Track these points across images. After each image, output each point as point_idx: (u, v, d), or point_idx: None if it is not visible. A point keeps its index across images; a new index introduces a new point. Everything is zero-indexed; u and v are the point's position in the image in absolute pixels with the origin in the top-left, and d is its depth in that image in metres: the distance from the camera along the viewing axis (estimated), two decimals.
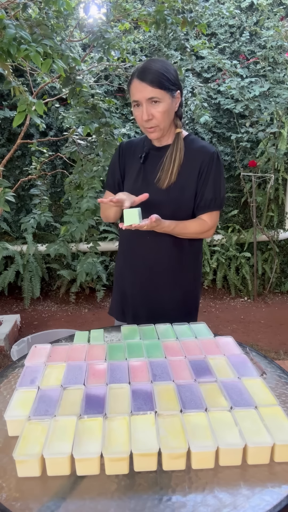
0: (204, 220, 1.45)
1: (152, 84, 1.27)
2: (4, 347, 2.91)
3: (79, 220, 2.19)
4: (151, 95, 1.28)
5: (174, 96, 1.33)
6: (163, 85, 1.29)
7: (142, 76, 1.29)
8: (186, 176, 1.41)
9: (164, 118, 1.33)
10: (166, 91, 1.30)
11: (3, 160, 2.38)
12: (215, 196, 1.42)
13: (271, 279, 3.95)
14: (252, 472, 0.85)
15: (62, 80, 1.99)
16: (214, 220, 1.47)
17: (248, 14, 3.56)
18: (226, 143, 3.71)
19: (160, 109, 1.31)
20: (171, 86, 1.31)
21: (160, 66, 1.30)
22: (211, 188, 1.41)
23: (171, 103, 1.33)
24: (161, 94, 1.29)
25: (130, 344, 1.29)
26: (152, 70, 1.28)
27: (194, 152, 1.42)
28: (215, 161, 1.41)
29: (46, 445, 0.85)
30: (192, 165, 1.41)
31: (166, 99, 1.31)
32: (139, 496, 0.80)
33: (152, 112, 1.31)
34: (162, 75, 1.28)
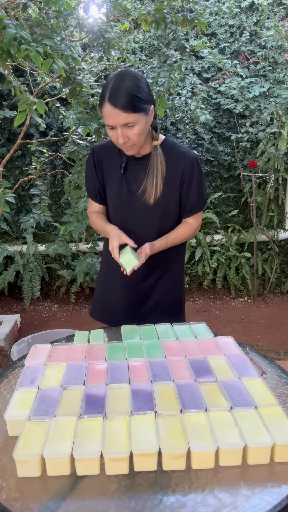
0: (190, 223, 1.50)
1: (125, 110, 1.21)
2: (4, 347, 2.91)
3: (78, 220, 2.19)
4: (126, 121, 1.23)
5: (148, 113, 1.28)
6: (137, 107, 1.23)
7: (113, 101, 1.21)
8: (169, 184, 1.41)
9: (140, 138, 1.30)
10: (140, 112, 1.24)
11: (3, 160, 2.38)
12: (199, 199, 1.46)
13: (271, 279, 3.95)
14: (252, 472, 0.85)
15: (62, 80, 1.99)
16: (199, 221, 1.53)
17: (248, 14, 3.56)
18: (226, 143, 3.71)
19: (136, 131, 1.26)
20: (145, 105, 1.25)
21: (131, 85, 1.22)
22: (195, 194, 1.44)
23: (145, 122, 1.28)
24: (135, 117, 1.23)
25: (130, 344, 1.29)
26: (123, 93, 1.21)
27: (175, 158, 1.41)
28: (195, 167, 1.42)
29: (46, 445, 0.85)
30: (174, 173, 1.41)
31: (141, 120, 1.26)
32: (139, 496, 0.80)
33: (128, 134, 1.27)
34: (134, 97, 1.22)
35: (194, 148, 3.61)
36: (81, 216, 2.19)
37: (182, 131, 3.62)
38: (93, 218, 1.56)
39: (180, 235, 1.49)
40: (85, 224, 2.20)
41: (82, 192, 2.23)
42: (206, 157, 3.70)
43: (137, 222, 1.46)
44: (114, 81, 1.24)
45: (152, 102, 1.31)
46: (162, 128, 3.62)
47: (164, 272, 1.55)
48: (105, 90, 1.24)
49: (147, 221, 1.45)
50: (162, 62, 2.43)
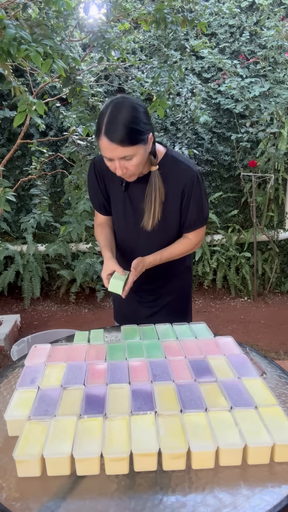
0: (190, 238, 1.47)
1: (122, 144, 1.16)
2: (4, 347, 2.91)
3: (78, 221, 2.20)
4: (123, 154, 1.19)
5: (147, 142, 1.23)
6: (135, 140, 1.18)
7: (110, 135, 1.16)
8: (170, 201, 1.39)
9: (138, 168, 1.26)
10: (138, 144, 1.19)
11: (3, 160, 2.38)
12: (199, 216, 1.42)
13: (271, 279, 3.95)
14: (252, 472, 0.85)
15: (62, 80, 1.99)
16: (199, 236, 1.49)
17: (248, 14, 3.56)
18: (226, 143, 3.71)
19: (134, 163, 1.22)
20: (143, 136, 1.20)
21: (128, 117, 1.16)
22: (194, 210, 1.40)
23: (144, 151, 1.24)
24: (133, 150, 1.19)
25: (130, 344, 1.29)
26: (120, 126, 1.15)
27: (176, 174, 1.37)
28: (195, 183, 1.37)
29: (46, 445, 0.85)
30: (175, 190, 1.38)
31: (140, 151, 1.21)
32: (139, 496, 0.80)
33: (126, 166, 1.23)
34: (132, 129, 1.16)
35: (194, 148, 3.61)
36: (80, 217, 2.19)
37: (182, 131, 3.62)
38: (97, 233, 1.57)
39: (177, 251, 1.46)
40: (84, 225, 2.20)
41: (82, 193, 2.23)
42: (206, 157, 3.70)
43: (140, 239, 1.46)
44: (110, 112, 1.17)
45: (151, 130, 1.25)
46: (162, 128, 3.62)
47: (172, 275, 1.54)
48: (101, 121, 1.18)
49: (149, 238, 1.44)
50: (162, 62, 2.43)
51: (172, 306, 1.60)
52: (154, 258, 1.42)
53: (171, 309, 1.59)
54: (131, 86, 3.03)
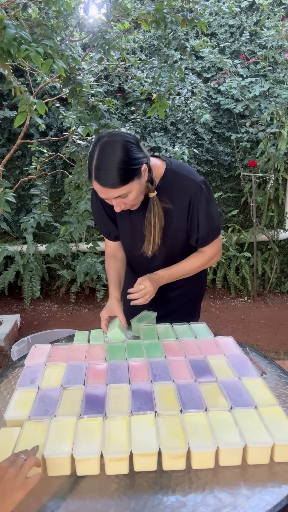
0: (204, 251, 1.44)
1: (114, 187, 1.15)
2: (4, 347, 2.91)
3: (79, 220, 2.19)
4: (117, 194, 1.18)
5: (140, 175, 1.20)
6: (127, 179, 1.15)
7: (101, 181, 1.15)
8: (177, 217, 1.36)
9: (137, 200, 1.25)
10: (131, 181, 1.17)
11: (3, 160, 2.38)
12: (210, 229, 1.38)
13: (271, 279, 3.95)
14: (252, 472, 0.85)
15: (62, 80, 1.99)
16: (215, 248, 1.44)
17: (248, 14, 3.56)
18: (226, 143, 3.71)
19: (131, 198, 1.21)
20: (135, 172, 1.17)
21: (116, 159, 1.13)
22: (204, 226, 1.36)
23: (139, 185, 1.21)
24: (127, 188, 1.17)
25: (130, 344, 1.29)
26: (110, 170, 1.13)
27: (180, 189, 1.33)
28: (201, 195, 1.32)
29: (46, 445, 0.85)
30: (181, 205, 1.34)
31: (134, 187, 1.19)
32: (139, 496, 0.80)
33: (124, 202, 1.22)
34: (122, 170, 1.13)
35: (194, 148, 3.61)
36: (81, 217, 2.19)
37: (182, 131, 3.62)
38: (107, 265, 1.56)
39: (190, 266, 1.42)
40: (85, 225, 2.20)
41: (83, 193, 2.23)
42: (206, 157, 3.70)
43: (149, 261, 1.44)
44: (97, 156, 1.15)
45: (144, 161, 1.21)
46: (162, 128, 3.62)
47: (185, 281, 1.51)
48: (90, 166, 1.16)
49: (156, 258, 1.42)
50: (162, 62, 2.43)
51: (181, 311, 1.59)
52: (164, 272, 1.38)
53: (181, 313, 1.58)
54: (131, 86, 3.03)
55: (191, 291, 1.59)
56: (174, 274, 1.41)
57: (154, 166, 1.32)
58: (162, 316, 1.54)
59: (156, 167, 1.33)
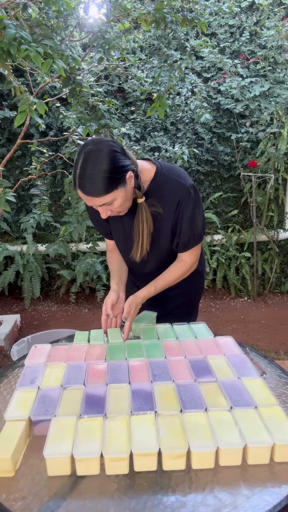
0: (184, 260, 1.43)
1: (97, 195, 1.15)
2: (4, 347, 2.91)
3: (78, 221, 2.19)
4: (102, 202, 1.18)
5: (125, 183, 1.19)
6: (110, 188, 1.15)
7: (84, 189, 1.15)
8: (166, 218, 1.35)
9: (123, 207, 1.25)
10: (115, 190, 1.17)
11: (3, 160, 2.38)
12: (192, 234, 1.37)
13: (271, 279, 3.95)
14: (252, 472, 0.85)
15: (62, 80, 1.99)
16: (194, 256, 1.44)
17: (248, 14, 3.56)
18: (226, 143, 3.71)
19: (116, 205, 1.21)
20: (119, 180, 1.17)
21: (99, 168, 1.13)
22: (186, 230, 1.35)
23: (125, 192, 1.20)
24: (111, 196, 1.17)
25: (130, 344, 1.29)
26: (93, 179, 1.13)
27: (169, 193, 1.32)
28: (187, 199, 1.31)
29: (46, 445, 0.85)
30: (169, 207, 1.33)
31: (119, 194, 1.19)
32: (139, 496, 0.80)
33: (110, 209, 1.23)
34: (105, 179, 1.13)
35: (194, 148, 3.61)
36: (81, 217, 2.19)
37: (182, 131, 3.62)
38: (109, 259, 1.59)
39: (171, 277, 1.42)
40: (85, 225, 2.20)
41: None
42: (206, 157, 3.70)
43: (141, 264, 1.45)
44: (81, 165, 1.14)
45: (130, 168, 1.20)
46: (162, 128, 3.62)
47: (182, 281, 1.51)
48: (74, 174, 1.17)
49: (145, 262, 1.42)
50: (162, 62, 2.43)
51: (179, 311, 1.59)
52: (148, 291, 1.38)
53: (178, 313, 1.58)
54: (131, 86, 3.03)
55: (189, 291, 1.59)
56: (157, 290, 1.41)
57: (143, 170, 1.32)
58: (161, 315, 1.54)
59: (145, 171, 1.33)
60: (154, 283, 1.41)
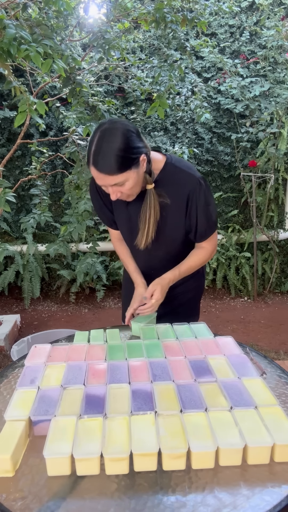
0: (204, 247, 1.45)
1: (111, 173, 1.15)
2: (4, 347, 2.91)
3: (78, 220, 2.19)
4: (114, 182, 1.18)
5: (139, 165, 1.20)
6: (124, 167, 1.15)
7: (98, 166, 1.15)
8: (174, 213, 1.36)
9: (133, 190, 1.24)
10: (129, 170, 1.17)
11: (3, 160, 2.38)
12: (208, 224, 1.39)
13: (271, 279, 3.95)
14: (252, 472, 0.85)
15: (62, 80, 1.99)
16: (213, 243, 1.46)
17: (248, 14, 3.56)
18: (226, 143, 3.71)
19: (127, 187, 1.21)
20: (133, 161, 1.17)
21: (115, 146, 1.13)
22: (202, 221, 1.37)
23: (137, 175, 1.21)
24: (124, 176, 1.17)
25: (130, 344, 1.29)
26: (107, 156, 1.13)
27: (178, 184, 1.33)
28: (199, 190, 1.32)
29: (46, 445, 0.85)
30: (178, 199, 1.34)
31: (132, 175, 1.19)
32: (139, 496, 0.80)
33: (120, 190, 1.22)
34: (119, 157, 1.13)
35: (194, 148, 3.61)
36: (81, 217, 2.19)
37: (182, 131, 3.62)
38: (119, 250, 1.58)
39: (195, 262, 1.45)
40: (85, 225, 2.20)
41: (83, 193, 2.23)
42: (206, 157, 3.70)
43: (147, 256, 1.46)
44: (96, 142, 1.15)
45: (143, 151, 1.21)
46: (162, 128, 3.62)
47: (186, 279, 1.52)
48: (89, 151, 1.16)
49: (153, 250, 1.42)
50: (162, 62, 2.43)
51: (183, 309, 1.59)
52: (172, 274, 1.40)
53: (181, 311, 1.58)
54: (131, 86, 3.03)
55: (192, 288, 1.59)
56: (182, 275, 1.43)
57: (154, 160, 1.33)
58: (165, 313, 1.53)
59: (156, 160, 1.34)
60: (177, 267, 1.42)
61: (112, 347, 1.27)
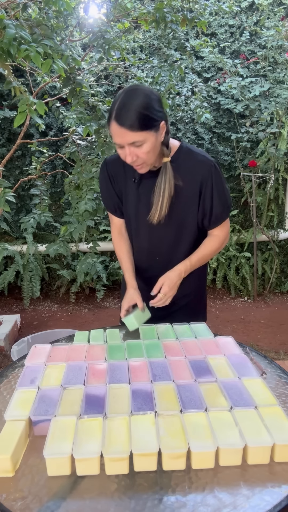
0: (216, 235, 1.45)
1: (131, 129, 1.15)
2: (4, 347, 2.91)
3: (79, 221, 2.19)
4: (133, 140, 1.17)
5: (158, 130, 1.21)
6: (145, 126, 1.16)
7: (120, 120, 1.15)
8: (186, 196, 1.36)
9: (150, 157, 1.24)
10: (149, 130, 1.18)
11: (3, 160, 2.38)
12: (223, 208, 1.39)
13: (271, 279, 3.95)
14: (252, 472, 0.85)
15: (62, 80, 1.99)
16: (226, 230, 1.46)
17: (248, 14, 3.56)
18: (226, 143, 3.71)
19: (144, 150, 1.20)
20: (154, 122, 1.19)
21: (139, 103, 1.16)
22: (217, 204, 1.37)
23: (155, 139, 1.21)
24: (143, 136, 1.17)
25: (130, 344, 1.29)
26: (131, 111, 1.14)
27: (191, 169, 1.34)
28: (214, 174, 1.34)
29: (46, 445, 0.85)
30: (191, 183, 1.34)
31: (150, 138, 1.19)
32: (139, 496, 0.80)
33: (136, 153, 1.21)
34: (142, 115, 1.15)
35: None
36: (81, 217, 2.19)
37: (182, 131, 3.62)
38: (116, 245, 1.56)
39: (208, 250, 1.43)
40: (85, 225, 2.19)
41: (83, 193, 2.23)
42: None
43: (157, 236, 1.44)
44: (122, 98, 1.18)
45: (164, 118, 1.23)
46: None
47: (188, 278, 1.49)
48: (112, 107, 1.19)
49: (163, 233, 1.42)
50: (162, 62, 2.43)
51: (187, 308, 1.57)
52: (184, 265, 1.39)
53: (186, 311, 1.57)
54: None
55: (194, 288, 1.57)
56: (193, 265, 1.41)
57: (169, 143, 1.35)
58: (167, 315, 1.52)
59: (170, 143, 1.35)
60: (188, 258, 1.41)
61: (112, 347, 1.27)
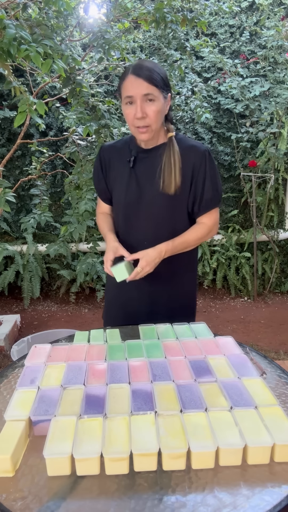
0: (203, 222, 1.45)
1: (147, 80, 1.26)
2: (4, 347, 2.91)
3: (79, 221, 2.19)
4: (147, 91, 1.26)
5: (166, 97, 1.33)
6: (158, 83, 1.28)
7: (137, 71, 1.27)
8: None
9: (157, 119, 1.31)
10: (160, 90, 1.29)
11: (3, 160, 2.38)
12: (214, 194, 1.42)
13: (271, 279, 3.95)
14: (252, 472, 0.85)
15: (62, 80, 1.99)
16: (214, 219, 1.46)
17: (248, 14, 3.56)
18: (226, 143, 3.71)
19: (154, 108, 1.29)
20: (166, 87, 1.31)
21: (153, 65, 1.31)
22: (209, 188, 1.40)
23: (163, 104, 1.32)
24: (156, 91, 1.28)
25: (130, 344, 1.29)
26: (147, 67, 1.28)
27: (185, 152, 1.39)
28: (207, 159, 1.39)
29: (46, 445, 0.85)
30: (184, 167, 1.38)
31: (160, 98, 1.30)
32: (139, 496, 0.80)
33: (146, 110, 1.29)
34: (156, 73, 1.28)
35: None
36: (82, 217, 2.19)
37: (182, 131, 3.62)
38: (99, 220, 1.58)
39: (192, 236, 1.43)
40: (85, 225, 2.20)
41: (83, 193, 2.23)
42: None
43: (146, 217, 1.44)
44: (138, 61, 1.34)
45: (170, 92, 1.35)
46: None
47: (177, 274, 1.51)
48: (127, 67, 1.31)
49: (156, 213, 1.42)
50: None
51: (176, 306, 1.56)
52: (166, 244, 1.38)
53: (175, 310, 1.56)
54: None
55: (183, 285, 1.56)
56: (176, 247, 1.41)
57: None
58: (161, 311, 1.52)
59: None
60: (172, 240, 1.40)
61: (112, 347, 1.27)
